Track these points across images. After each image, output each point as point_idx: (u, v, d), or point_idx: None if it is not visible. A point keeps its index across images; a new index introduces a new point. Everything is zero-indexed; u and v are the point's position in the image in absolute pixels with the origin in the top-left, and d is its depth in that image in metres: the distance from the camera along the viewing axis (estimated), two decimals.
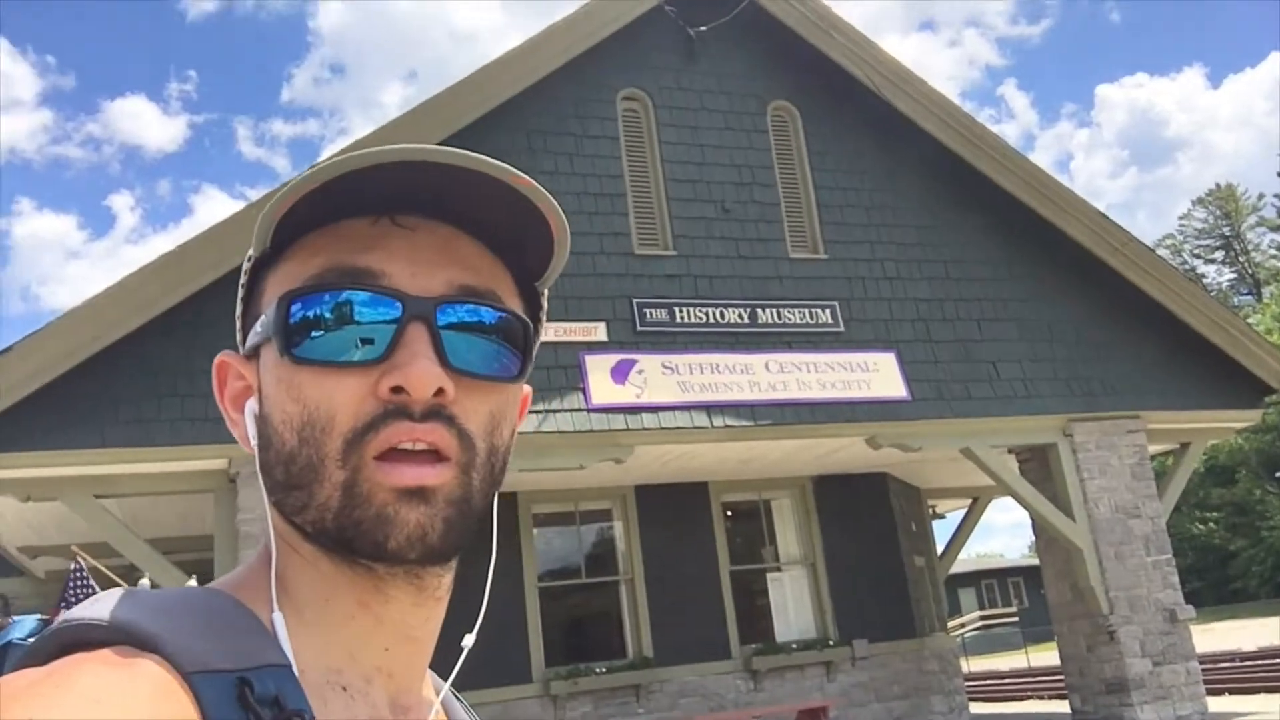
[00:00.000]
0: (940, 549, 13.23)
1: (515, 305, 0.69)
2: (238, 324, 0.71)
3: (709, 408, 8.30)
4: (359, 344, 0.62)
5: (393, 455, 0.61)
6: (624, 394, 8.06)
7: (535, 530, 9.67)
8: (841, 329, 9.03)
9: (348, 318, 0.62)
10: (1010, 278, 9.84)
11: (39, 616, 0.61)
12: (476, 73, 8.17)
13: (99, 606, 0.57)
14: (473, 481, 0.64)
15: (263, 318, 0.66)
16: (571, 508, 9.87)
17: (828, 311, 9.05)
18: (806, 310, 8.99)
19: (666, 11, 9.07)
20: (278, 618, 0.61)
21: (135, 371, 6.87)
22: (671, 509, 9.98)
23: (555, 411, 7.84)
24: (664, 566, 9.81)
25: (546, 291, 0.73)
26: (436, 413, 0.62)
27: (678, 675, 9.48)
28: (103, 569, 7.03)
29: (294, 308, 0.63)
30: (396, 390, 0.61)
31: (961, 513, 13.78)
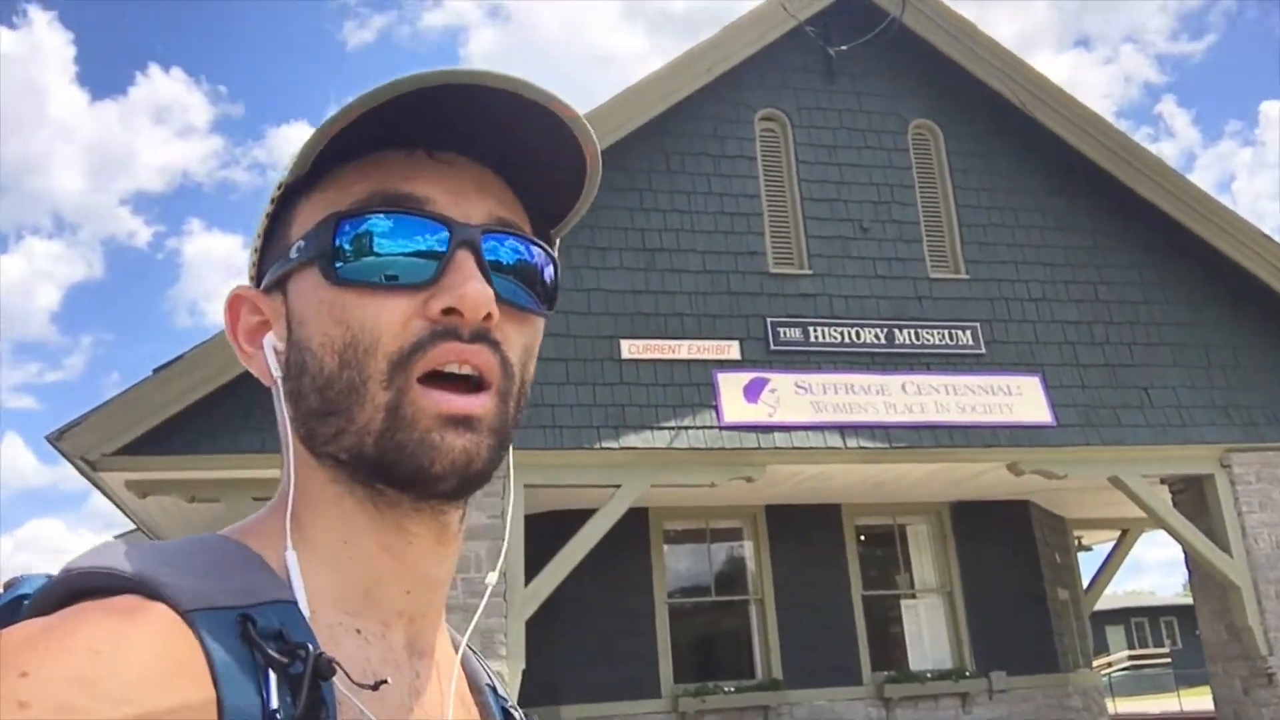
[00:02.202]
0: (1086, 583, 12.71)
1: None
2: (253, 256, 0.70)
3: (843, 428, 8.21)
4: (408, 266, 0.62)
5: (438, 381, 0.61)
6: (756, 413, 8.05)
7: (666, 547, 9.72)
8: (983, 351, 8.81)
9: (397, 240, 0.62)
10: (1165, 300, 9.42)
11: (47, 574, 0.60)
12: (617, 96, 8.32)
13: (99, 555, 0.57)
14: (509, 410, 0.65)
15: (300, 243, 0.65)
16: (702, 525, 9.89)
17: (968, 333, 8.85)
18: (946, 331, 8.81)
19: (807, 32, 9.07)
20: (290, 556, 0.61)
21: None
22: (803, 530, 9.89)
23: (687, 428, 7.89)
24: (795, 588, 9.72)
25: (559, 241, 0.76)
26: (483, 335, 0.63)
27: (807, 699, 9.37)
28: None
29: (343, 228, 0.63)
30: (447, 312, 0.62)
31: (1109, 545, 13.20)
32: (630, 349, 8.02)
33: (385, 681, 0.59)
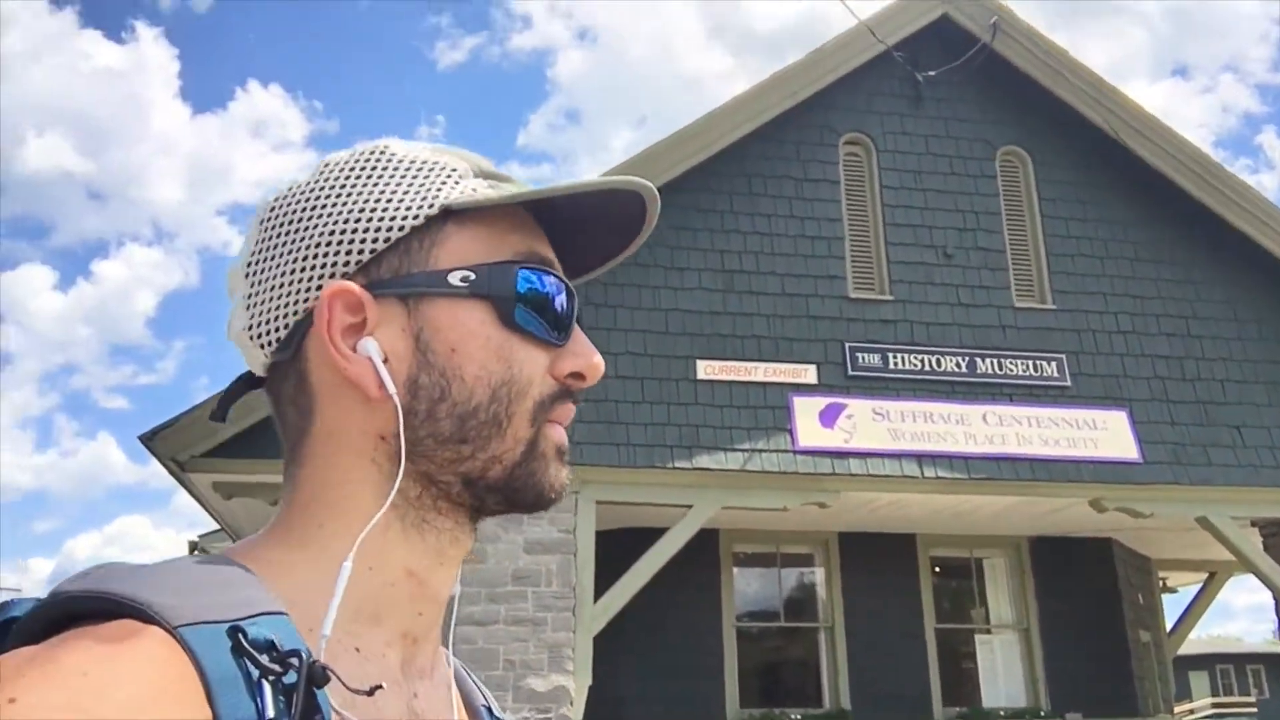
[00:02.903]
0: (1170, 626, 12.30)
1: None
2: (359, 251, 0.67)
3: (920, 457, 8.09)
4: (549, 326, 0.69)
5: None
6: (832, 438, 7.98)
7: (735, 569, 9.66)
8: (1068, 383, 8.62)
9: (552, 301, 0.69)
10: (1260, 337, 9.12)
11: (37, 598, 0.59)
12: (700, 119, 8.35)
13: (87, 579, 0.56)
14: None
15: (467, 274, 0.67)
16: (773, 549, 9.81)
17: (1054, 365, 8.67)
18: (1030, 362, 8.64)
19: (894, 57, 9.01)
20: (346, 566, 0.61)
21: None
22: (876, 559, 9.75)
23: (761, 451, 7.85)
24: (866, 617, 9.58)
25: None
26: (578, 399, 0.72)
27: None
28: None
29: (521, 278, 0.68)
30: (572, 375, 0.70)
31: (1196, 588, 12.77)
32: (706, 370, 8.02)
33: (380, 687, 0.59)
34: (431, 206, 0.68)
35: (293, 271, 0.68)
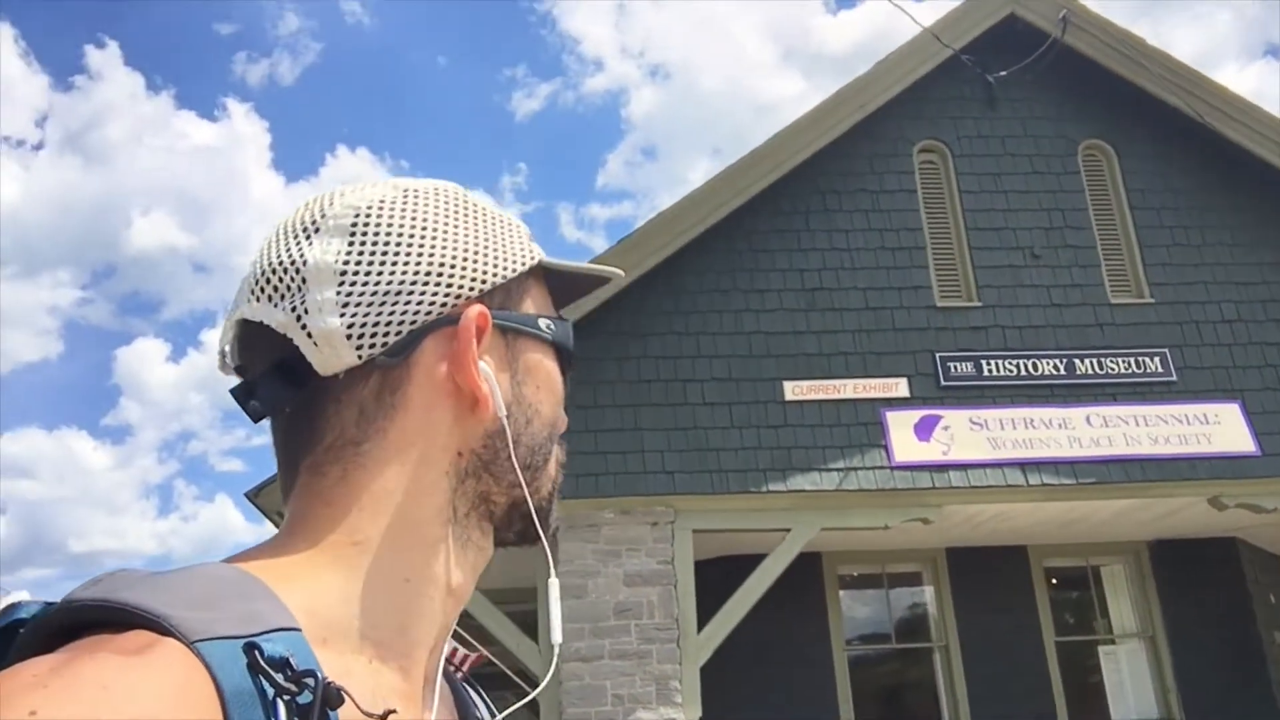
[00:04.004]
0: None
1: None
2: (482, 281, 0.70)
3: (1024, 465, 7.86)
4: None
5: None
6: (929, 451, 7.81)
7: (842, 592, 9.49)
8: (1174, 378, 8.30)
9: None
10: None
11: (45, 601, 0.58)
12: (770, 140, 8.34)
13: (100, 587, 0.56)
14: None
15: (550, 324, 0.75)
16: (879, 570, 9.62)
17: (1157, 360, 8.36)
18: (1132, 359, 8.35)
19: (963, 61, 8.88)
20: (554, 583, 0.75)
21: None
22: (987, 574, 9.47)
23: (856, 469, 7.72)
24: (981, 635, 9.30)
25: None
26: None
27: None
28: None
29: (574, 332, 0.77)
30: None
31: None
32: (794, 390, 7.93)
33: (394, 711, 0.58)
34: (532, 257, 0.74)
35: (414, 283, 0.68)
